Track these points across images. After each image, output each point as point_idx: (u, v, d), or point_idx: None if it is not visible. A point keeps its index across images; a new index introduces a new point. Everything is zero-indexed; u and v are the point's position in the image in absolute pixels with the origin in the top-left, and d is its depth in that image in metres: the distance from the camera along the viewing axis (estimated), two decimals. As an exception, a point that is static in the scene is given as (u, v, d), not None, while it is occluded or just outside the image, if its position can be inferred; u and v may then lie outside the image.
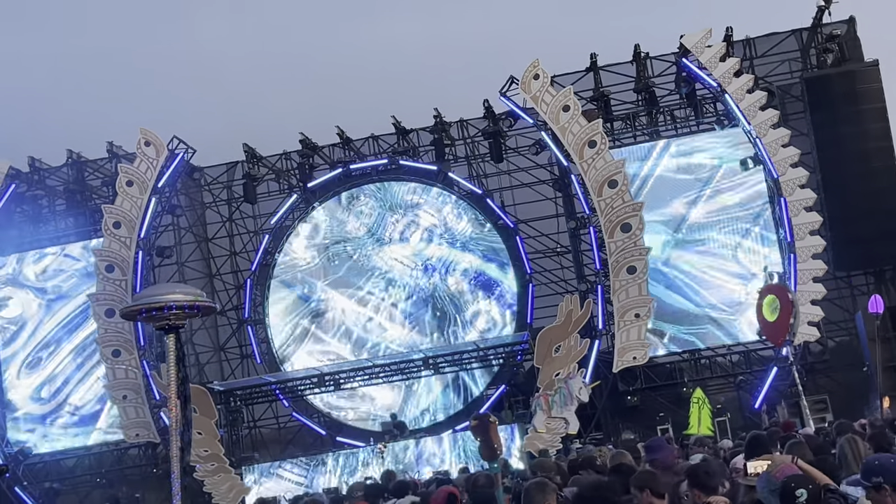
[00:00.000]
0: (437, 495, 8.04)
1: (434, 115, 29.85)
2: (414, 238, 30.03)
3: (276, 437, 31.74)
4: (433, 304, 29.82)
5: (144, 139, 28.07)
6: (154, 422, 26.86)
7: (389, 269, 30.01)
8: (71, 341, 29.90)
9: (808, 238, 25.33)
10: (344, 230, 30.37)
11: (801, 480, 6.45)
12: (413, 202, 30.14)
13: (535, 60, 26.54)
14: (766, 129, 25.68)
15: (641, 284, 25.33)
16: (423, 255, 29.95)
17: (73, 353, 29.83)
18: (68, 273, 30.06)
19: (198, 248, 33.40)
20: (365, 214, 30.24)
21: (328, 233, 30.43)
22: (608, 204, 25.63)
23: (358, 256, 30.23)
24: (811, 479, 6.50)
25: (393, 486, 12.54)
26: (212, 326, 32.93)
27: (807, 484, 6.36)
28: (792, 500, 6.25)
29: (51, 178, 31.15)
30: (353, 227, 30.32)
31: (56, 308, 30.14)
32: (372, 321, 30.05)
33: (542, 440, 22.68)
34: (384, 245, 30.12)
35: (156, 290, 7.27)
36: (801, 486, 6.34)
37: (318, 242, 30.47)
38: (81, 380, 29.78)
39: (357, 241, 30.26)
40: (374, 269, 30.13)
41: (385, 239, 30.16)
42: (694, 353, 27.63)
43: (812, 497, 6.26)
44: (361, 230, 30.22)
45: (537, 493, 7.16)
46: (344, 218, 30.38)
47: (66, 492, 29.31)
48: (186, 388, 7.82)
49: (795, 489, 6.31)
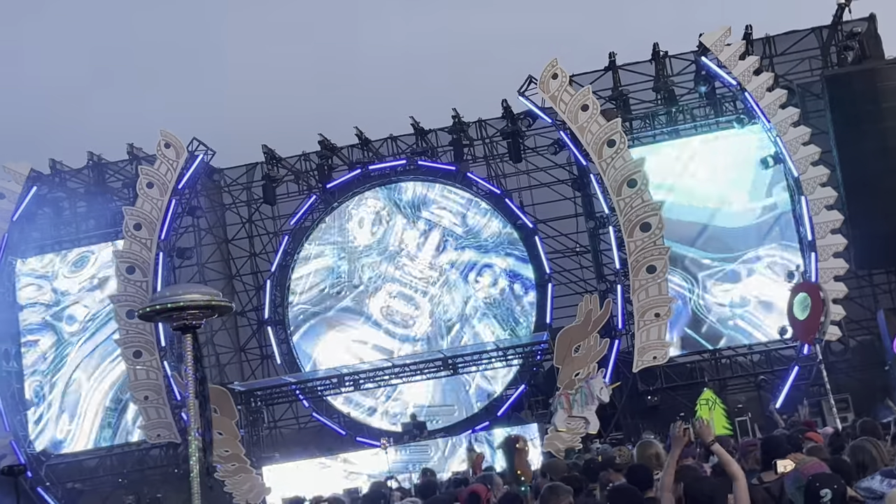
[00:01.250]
0: (461, 493, 8.03)
1: (452, 116, 29.86)
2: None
3: (297, 437, 31.80)
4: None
5: (164, 141, 28.21)
6: (175, 422, 26.97)
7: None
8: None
9: (829, 237, 25.21)
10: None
11: (827, 479, 6.36)
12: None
13: (554, 60, 26.53)
14: (787, 127, 25.58)
15: (661, 284, 25.27)
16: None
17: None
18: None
19: (217, 249, 33.52)
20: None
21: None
22: (627, 203, 25.58)
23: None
24: (836, 479, 6.43)
25: (420, 485, 12.55)
26: (232, 327, 33.05)
27: (832, 483, 6.28)
28: (816, 499, 6.19)
29: (72, 180, 31.32)
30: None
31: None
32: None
33: (563, 440, 22.67)
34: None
35: (173, 291, 7.29)
36: (825, 486, 6.26)
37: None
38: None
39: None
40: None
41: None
42: (714, 352, 27.53)
43: (837, 497, 6.19)
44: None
45: (551, 497, 7.18)
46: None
47: (88, 492, 29.46)
48: (205, 388, 7.84)
49: (820, 489, 6.22)
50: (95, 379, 29.84)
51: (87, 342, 30.05)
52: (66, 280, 30.37)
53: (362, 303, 30.32)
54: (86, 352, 29.98)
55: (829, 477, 6.43)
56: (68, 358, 29.99)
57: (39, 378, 29.95)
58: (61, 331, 30.14)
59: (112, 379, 29.62)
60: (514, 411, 28.32)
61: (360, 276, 30.39)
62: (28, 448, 28.71)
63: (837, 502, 6.16)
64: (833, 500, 6.13)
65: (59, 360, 30.00)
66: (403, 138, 31.27)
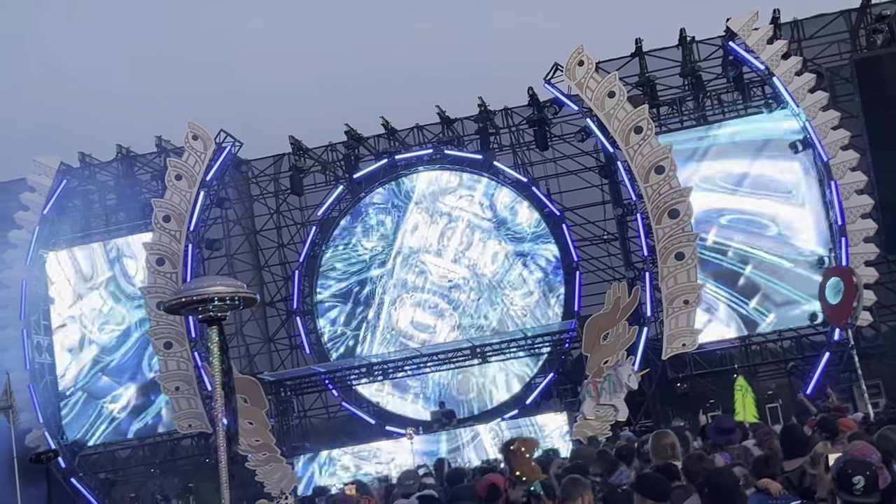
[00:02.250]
0: (481, 483, 8.03)
1: (478, 104, 29.81)
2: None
3: (326, 426, 31.96)
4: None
5: (192, 133, 28.34)
6: (206, 412, 27.15)
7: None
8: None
9: (859, 221, 25.00)
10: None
11: (859, 466, 6.20)
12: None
13: (580, 47, 26.42)
14: (816, 111, 25.36)
15: (690, 271, 25.16)
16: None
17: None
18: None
19: (246, 240, 33.68)
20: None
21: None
22: (655, 190, 25.47)
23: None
24: (868, 465, 6.28)
25: (448, 474, 12.58)
26: (261, 318, 33.21)
27: (864, 470, 6.13)
28: (849, 487, 6.04)
29: (101, 172, 31.54)
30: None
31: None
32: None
33: (592, 427, 22.67)
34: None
35: (198, 283, 7.33)
36: (858, 473, 6.09)
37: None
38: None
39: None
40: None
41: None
42: (744, 339, 27.39)
43: (870, 484, 6.05)
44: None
45: (572, 488, 7.18)
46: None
47: (120, 482, 29.73)
48: (230, 379, 7.88)
49: (853, 476, 6.06)
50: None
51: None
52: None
53: (388, 317, 30.39)
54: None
55: (861, 464, 6.27)
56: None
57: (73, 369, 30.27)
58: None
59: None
60: (542, 399, 28.31)
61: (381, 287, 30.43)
62: (61, 439, 28.98)
63: (871, 489, 6.03)
64: (866, 488, 6.01)
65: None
66: (429, 127, 31.26)
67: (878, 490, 6.09)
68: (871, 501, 6.04)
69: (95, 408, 29.95)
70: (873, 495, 6.05)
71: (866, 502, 6.01)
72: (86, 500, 28.34)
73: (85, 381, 30.15)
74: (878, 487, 6.10)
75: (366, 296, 30.47)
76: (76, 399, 30.06)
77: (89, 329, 30.41)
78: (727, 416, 16.06)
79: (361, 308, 30.49)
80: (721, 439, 10.37)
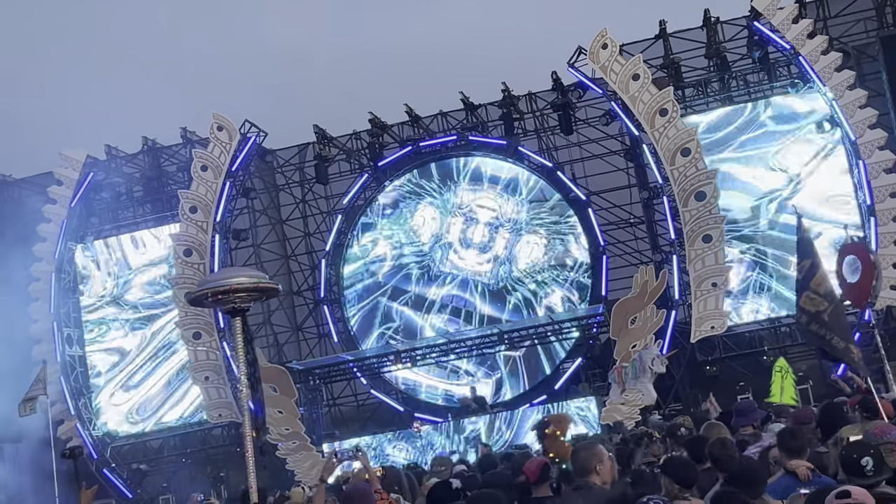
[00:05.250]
0: (529, 465, 7.97)
1: (502, 90, 29.73)
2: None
3: (356, 414, 32.07)
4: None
5: (217, 124, 28.41)
6: (236, 402, 27.29)
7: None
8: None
9: (888, 200, 24.75)
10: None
11: (863, 448, 6.16)
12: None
13: (603, 30, 26.27)
14: (843, 90, 25.11)
15: (718, 253, 25.02)
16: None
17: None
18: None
19: (272, 230, 33.81)
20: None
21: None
22: (681, 172, 25.31)
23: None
24: (871, 445, 6.23)
25: (479, 461, 12.60)
26: (289, 307, 33.37)
27: (868, 450, 6.07)
28: (859, 470, 5.97)
29: (127, 165, 31.70)
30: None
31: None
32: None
33: (621, 412, 22.59)
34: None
35: (221, 275, 7.36)
36: (864, 455, 6.04)
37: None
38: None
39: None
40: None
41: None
42: (774, 320, 27.23)
43: (878, 463, 5.99)
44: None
45: (586, 460, 7.13)
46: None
47: (152, 472, 29.95)
48: (256, 369, 7.90)
49: (860, 459, 6.00)
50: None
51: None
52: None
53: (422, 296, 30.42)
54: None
55: (864, 445, 6.23)
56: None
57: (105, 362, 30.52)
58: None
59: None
60: (571, 384, 28.28)
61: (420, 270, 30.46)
62: (93, 430, 29.21)
63: (880, 468, 5.98)
64: (876, 467, 5.95)
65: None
66: (453, 114, 31.21)
67: (888, 467, 6.04)
68: (884, 478, 5.98)
69: (127, 398, 30.22)
70: (884, 473, 6.00)
71: (880, 481, 5.96)
72: (118, 490, 28.56)
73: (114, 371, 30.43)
74: (889, 465, 6.05)
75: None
76: (108, 389, 30.31)
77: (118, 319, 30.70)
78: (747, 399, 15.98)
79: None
80: (741, 421, 10.35)
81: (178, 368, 29.90)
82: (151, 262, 30.62)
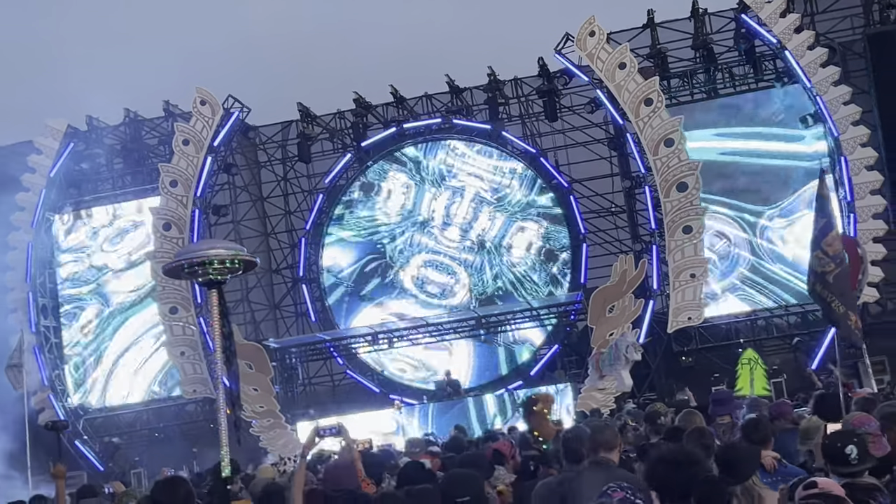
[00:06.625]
0: (488, 450, 8.05)
1: (488, 74, 29.65)
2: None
3: (331, 394, 32.04)
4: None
5: (200, 98, 28.23)
6: (211, 377, 27.20)
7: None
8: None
9: (868, 197, 24.84)
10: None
11: (847, 436, 6.16)
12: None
13: (591, 17, 26.21)
14: (827, 86, 25.16)
15: (697, 244, 25.08)
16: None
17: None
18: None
19: (253, 206, 33.65)
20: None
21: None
22: (664, 163, 25.33)
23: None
24: (855, 433, 6.23)
25: (448, 442, 12.62)
26: (267, 285, 33.27)
27: (852, 438, 6.08)
28: (843, 458, 5.97)
29: (108, 136, 31.46)
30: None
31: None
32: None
33: (596, 399, 22.65)
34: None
35: (198, 246, 7.29)
36: (848, 443, 6.04)
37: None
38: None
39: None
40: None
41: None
42: (750, 313, 27.35)
43: (863, 451, 5.99)
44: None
45: (612, 437, 7.15)
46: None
47: (124, 446, 29.84)
48: (231, 343, 7.84)
49: (844, 447, 6.00)
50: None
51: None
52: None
53: (395, 277, 30.33)
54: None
55: (847, 434, 6.23)
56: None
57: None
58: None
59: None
60: (547, 371, 28.33)
61: (393, 250, 30.35)
62: (65, 402, 29.07)
63: (864, 456, 5.99)
64: (860, 455, 5.96)
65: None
66: (438, 97, 31.11)
67: (871, 456, 6.04)
68: (867, 467, 5.98)
69: (101, 371, 30.10)
70: (868, 461, 6.00)
71: (863, 469, 5.96)
72: (90, 463, 28.45)
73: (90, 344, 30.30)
74: (872, 454, 6.04)
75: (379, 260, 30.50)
76: (81, 361, 30.18)
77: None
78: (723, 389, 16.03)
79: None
80: (718, 410, 10.39)
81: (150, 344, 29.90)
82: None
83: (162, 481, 6.67)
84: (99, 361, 30.28)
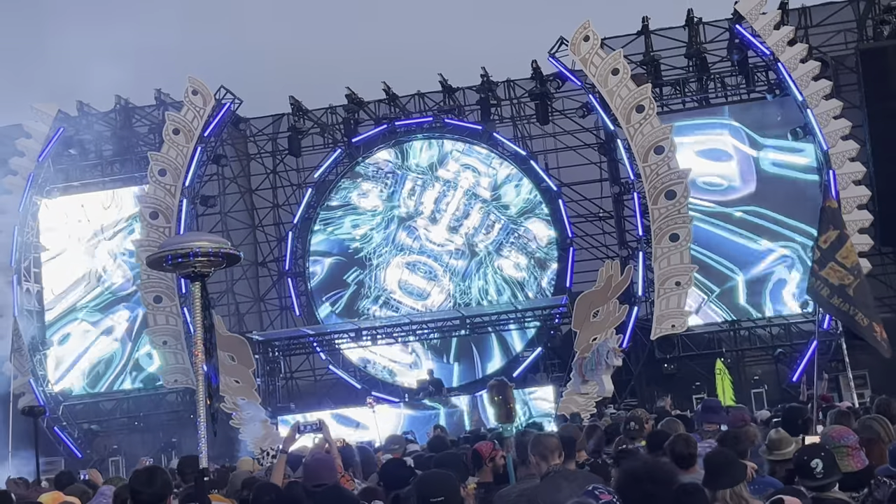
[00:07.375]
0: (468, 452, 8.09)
1: (481, 75, 29.66)
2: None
3: (312, 388, 32.00)
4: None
5: (192, 88, 28.19)
6: (193, 368, 27.12)
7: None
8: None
9: (855, 212, 24.94)
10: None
11: (813, 450, 6.20)
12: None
13: (586, 22, 26.28)
14: (818, 99, 25.28)
15: (683, 252, 25.16)
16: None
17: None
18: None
19: (241, 198, 33.55)
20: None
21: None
22: (653, 170, 25.41)
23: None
24: (822, 447, 6.28)
25: (430, 442, 12.62)
26: (253, 277, 33.19)
27: (819, 452, 6.12)
28: (809, 472, 6.00)
29: (98, 123, 31.34)
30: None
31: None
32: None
33: (577, 403, 22.71)
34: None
35: (181, 238, 7.24)
36: (814, 457, 6.08)
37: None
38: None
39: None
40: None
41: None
42: (733, 323, 27.44)
43: (829, 465, 6.03)
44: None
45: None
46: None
47: (103, 434, 29.78)
48: (212, 335, 7.81)
49: (809, 461, 6.04)
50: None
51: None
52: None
53: (376, 278, 30.28)
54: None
55: (815, 448, 6.28)
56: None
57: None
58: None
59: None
60: (529, 373, 28.35)
61: (372, 248, 30.33)
62: (45, 388, 28.96)
63: (831, 470, 6.02)
64: (826, 469, 5.99)
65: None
66: (431, 95, 31.10)
67: (838, 470, 6.07)
68: (834, 481, 6.01)
69: (81, 357, 30.02)
70: (835, 475, 6.03)
71: (829, 483, 5.99)
72: (68, 449, 28.37)
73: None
74: (839, 468, 6.06)
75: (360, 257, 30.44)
76: (63, 347, 30.10)
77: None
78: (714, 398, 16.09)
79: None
80: (709, 417, 10.43)
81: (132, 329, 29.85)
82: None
83: (140, 470, 6.64)
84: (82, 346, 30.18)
